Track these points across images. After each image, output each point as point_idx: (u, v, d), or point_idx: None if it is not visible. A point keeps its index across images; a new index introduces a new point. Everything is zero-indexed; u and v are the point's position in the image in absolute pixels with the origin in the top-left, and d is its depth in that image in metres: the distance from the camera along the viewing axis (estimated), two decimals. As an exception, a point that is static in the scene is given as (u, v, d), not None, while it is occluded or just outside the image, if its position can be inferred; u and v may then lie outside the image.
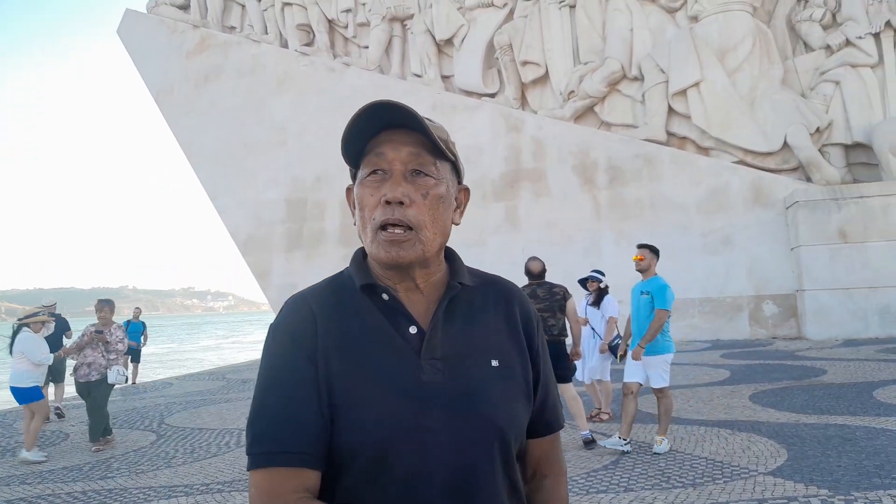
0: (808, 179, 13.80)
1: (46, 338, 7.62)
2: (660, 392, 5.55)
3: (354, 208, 1.15)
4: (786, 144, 13.96)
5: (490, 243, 16.18)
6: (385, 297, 1.11)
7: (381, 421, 1.01)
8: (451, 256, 1.21)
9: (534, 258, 6.21)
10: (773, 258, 13.60)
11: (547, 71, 16.45)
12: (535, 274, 6.11)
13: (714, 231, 14.20)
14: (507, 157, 16.50)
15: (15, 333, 7.06)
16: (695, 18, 15.12)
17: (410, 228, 1.07)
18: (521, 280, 6.61)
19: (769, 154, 14.21)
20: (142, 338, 13.95)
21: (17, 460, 6.70)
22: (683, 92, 14.71)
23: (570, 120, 15.99)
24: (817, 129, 13.83)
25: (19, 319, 7.19)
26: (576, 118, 16.00)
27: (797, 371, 9.09)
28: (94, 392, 7.15)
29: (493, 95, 17.26)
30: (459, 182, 1.21)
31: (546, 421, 1.20)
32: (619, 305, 7.39)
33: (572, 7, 16.27)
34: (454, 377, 1.06)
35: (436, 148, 1.12)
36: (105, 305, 7.32)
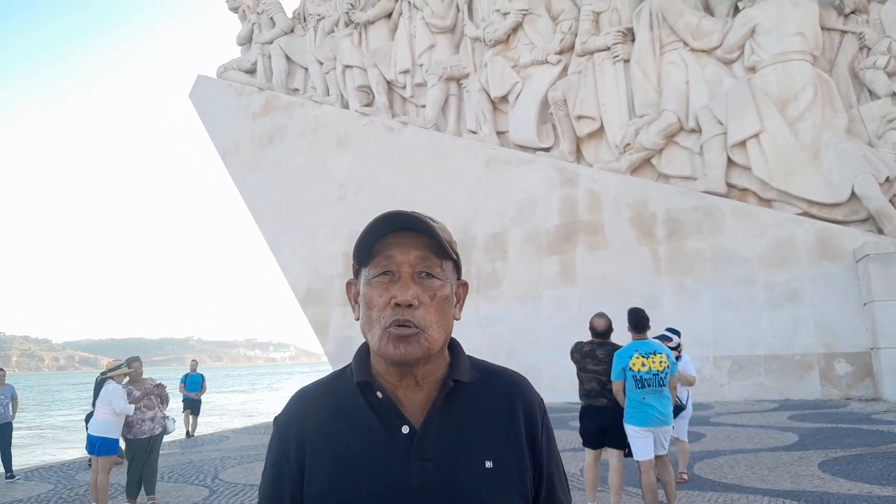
0: (880, 231, 13.23)
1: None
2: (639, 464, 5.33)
3: (356, 304, 1.21)
4: (854, 195, 13.47)
5: (545, 297, 16.02)
6: (379, 395, 1.14)
7: None
8: (454, 350, 1.23)
9: (600, 315, 5.97)
10: (844, 314, 12.98)
11: (602, 125, 16.48)
12: (600, 332, 5.87)
13: (779, 285, 13.69)
14: (561, 210, 16.46)
15: (99, 385, 7.34)
16: (752, 69, 14.95)
17: (420, 328, 1.11)
18: (577, 336, 6.49)
19: (836, 205, 13.72)
20: (201, 389, 14.24)
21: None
22: (743, 143, 14.46)
23: (626, 172, 15.89)
24: (887, 179, 13.32)
25: (102, 373, 7.49)
26: (632, 171, 15.90)
27: (872, 436, 8.54)
28: (156, 444, 7.41)
29: (547, 150, 17.36)
30: (458, 278, 1.24)
31: None
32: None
33: (626, 62, 16.35)
34: (444, 479, 1.07)
35: (441, 249, 1.16)
36: (135, 360, 7.61)
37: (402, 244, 1.14)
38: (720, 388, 13.73)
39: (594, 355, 5.77)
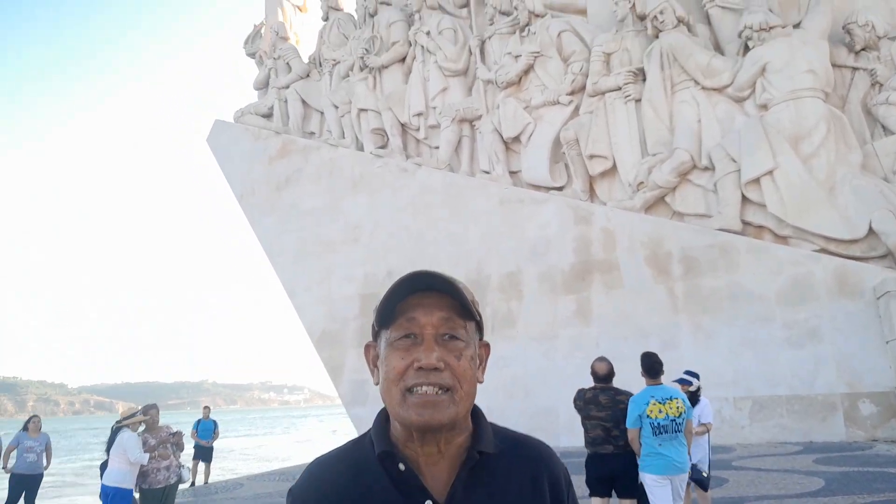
0: (900, 267, 13.06)
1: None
2: None
3: (375, 368, 1.18)
4: (871, 231, 13.35)
5: (561, 337, 15.88)
6: (402, 467, 1.09)
7: None
8: (476, 417, 1.18)
9: (600, 359, 5.92)
10: (866, 352, 12.73)
11: (615, 164, 16.53)
12: (601, 376, 5.79)
13: (798, 323, 13.49)
14: (576, 248, 16.42)
15: (114, 434, 7.27)
16: (764, 107, 14.99)
17: (445, 390, 1.07)
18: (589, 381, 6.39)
19: (853, 241, 13.59)
20: (213, 436, 14.11)
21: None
22: (757, 180, 14.43)
23: (640, 210, 15.88)
24: (905, 214, 13.20)
25: (118, 421, 7.45)
26: (647, 209, 15.88)
27: (902, 480, 8.28)
28: (171, 494, 7.32)
29: (560, 188, 17.42)
30: (481, 338, 1.20)
31: None
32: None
33: (637, 101, 16.47)
34: None
35: (465, 310, 1.12)
36: (152, 408, 7.56)
37: (424, 305, 1.10)
38: (741, 430, 13.43)
39: (597, 401, 5.67)
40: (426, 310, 1.09)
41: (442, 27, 19.74)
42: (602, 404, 5.59)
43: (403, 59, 20.87)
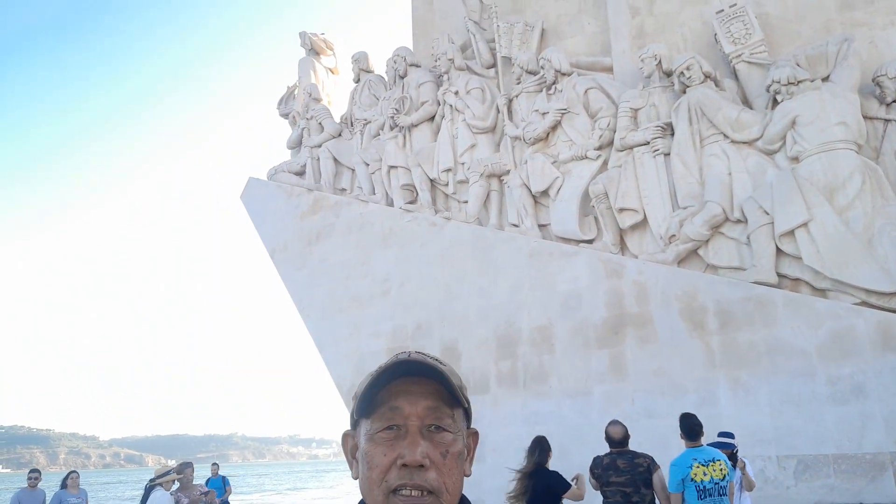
0: (946, 320, 12.67)
1: None
2: None
3: (354, 460, 1.10)
4: (913, 283, 13.02)
5: (596, 393, 15.58)
6: None
7: None
8: None
9: (615, 423, 5.84)
10: (916, 409, 12.27)
11: (645, 216, 16.47)
12: (617, 441, 5.70)
13: (842, 379, 13.07)
14: (608, 302, 16.24)
15: (147, 492, 7.29)
16: (795, 159, 14.89)
17: (430, 493, 0.99)
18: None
19: (895, 294, 13.25)
20: (225, 493, 13.96)
21: None
22: (791, 232, 14.24)
23: (673, 263, 15.72)
24: (947, 266, 12.88)
25: (151, 480, 7.47)
26: (679, 262, 15.72)
27: (963, 547, 7.85)
28: (200, 553, 7.26)
29: (590, 241, 17.35)
30: (468, 426, 1.14)
31: None
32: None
33: (666, 155, 16.50)
34: None
35: (452, 397, 1.08)
36: (187, 466, 7.57)
37: (409, 393, 1.04)
38: (787, 491, 12.92)
39: (615, 466, 5.57)
40: (411, 398, 1.03)
41: (470, 87, 20.17)
42: (621, 469, 5.47)
43: (432, 119, 21.28)
